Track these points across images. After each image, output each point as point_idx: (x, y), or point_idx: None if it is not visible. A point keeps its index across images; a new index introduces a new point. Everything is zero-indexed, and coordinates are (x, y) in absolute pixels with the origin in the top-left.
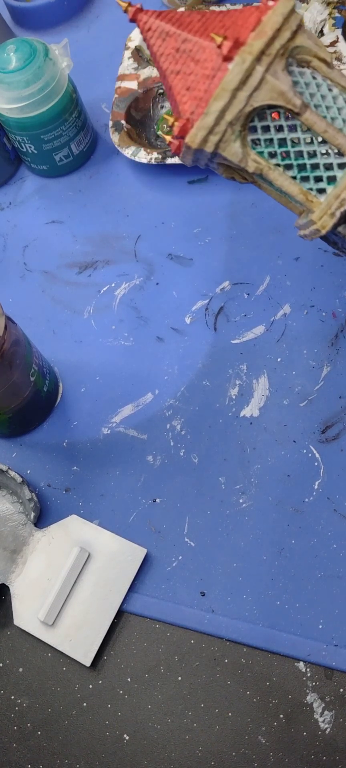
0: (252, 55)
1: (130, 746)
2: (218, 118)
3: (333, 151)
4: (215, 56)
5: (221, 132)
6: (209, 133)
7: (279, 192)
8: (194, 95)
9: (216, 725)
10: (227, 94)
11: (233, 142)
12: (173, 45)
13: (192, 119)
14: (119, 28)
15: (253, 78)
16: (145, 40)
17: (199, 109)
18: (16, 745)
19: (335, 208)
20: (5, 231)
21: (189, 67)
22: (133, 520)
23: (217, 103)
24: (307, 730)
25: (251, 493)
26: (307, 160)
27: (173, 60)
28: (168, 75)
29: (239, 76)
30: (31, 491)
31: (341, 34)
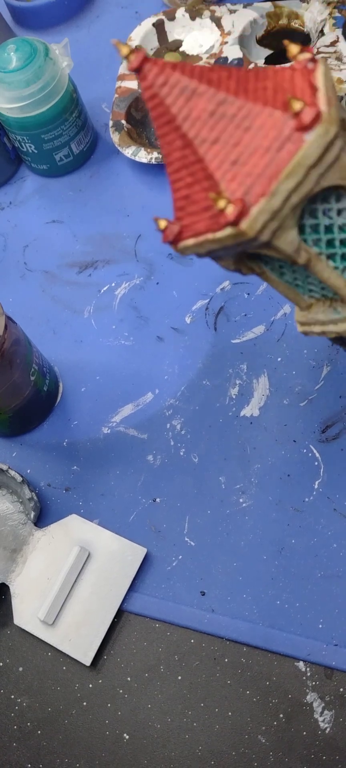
0: (336, 126)
1: (130, 745)
2: (285, 201)
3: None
4: (279, 124)
5: (281, 218)
6: (272, 219)
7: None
8: (246, 171)
9: (216, 724)
10: (302, 170)
11: (291, 228)
12: (205, 107)
13: (249, 200)
14: (120, 28)
15: (330, 154)
16: (154, 97)
17: (258, 188)
18: (16, 745)
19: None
20: (5, 230)
21: (234, 137)
22: (134, 520)
23: (289, 181)
24: (307, 730)
25: (251, 492)
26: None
27: (205, 126)
28: (199, 144)
29: (319, 151)
30: (31, 490)
31: (342, 33)
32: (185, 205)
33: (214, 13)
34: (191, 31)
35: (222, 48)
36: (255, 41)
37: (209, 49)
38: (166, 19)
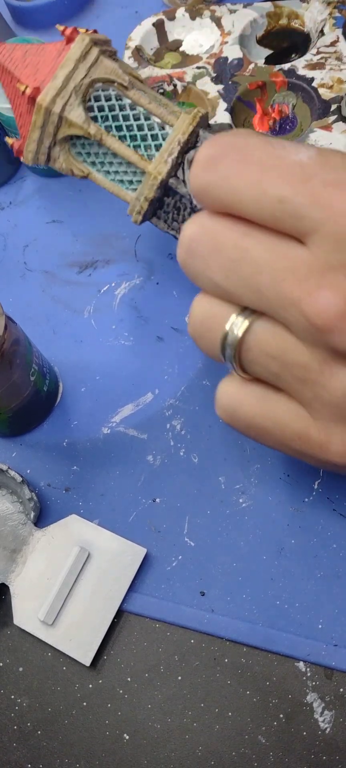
0: (89, 40)
1: (130, 746)
2: (64, 81)
3: (157, 123)
4: (58, 47)
5: (66, 96)
6: (57, 96)
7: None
8: (42, 73)
9: (216, 725)
10: (71, 63)
11: (77, 106)
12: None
13: (42, 86)
14: (120, 28)
15: (90, 55)
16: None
17: (48, 77)
18: (16, 745)
19: (166, 155)
20: (5, 230)
21: (35, 61)
22: (133, 520)
23: (63, 70)
24: (307, 730)
25: (251, 492)
26: (137, 132)
27: (20, 62)
28: (17, 72)
29: (80, 50)
30: (31, 491)
31: (342, 33)
32: (21, 123)
33: (214, 12)
34: (191, 31)
35: (222, 48)
36: (255, 41)
37: (209, 48)
38: (166, 18)
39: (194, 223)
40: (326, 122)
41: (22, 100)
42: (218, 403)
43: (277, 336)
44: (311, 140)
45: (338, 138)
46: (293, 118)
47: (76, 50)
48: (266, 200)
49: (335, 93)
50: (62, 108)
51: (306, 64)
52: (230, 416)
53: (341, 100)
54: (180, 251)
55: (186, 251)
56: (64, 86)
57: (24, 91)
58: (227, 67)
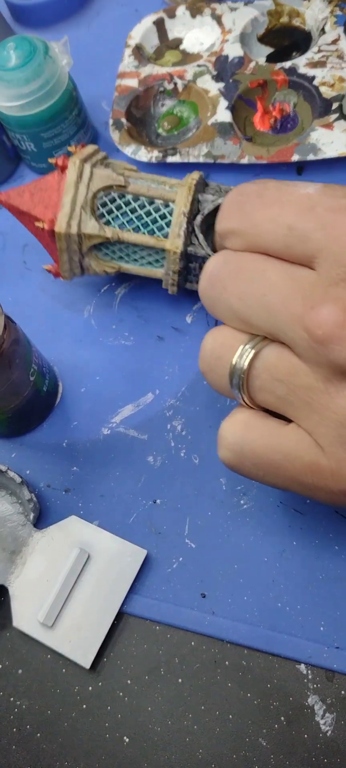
0: (79, 158)
1: (130, 748)
2: (71, 206)
3: (160, 203)
4: (56, 177)
5: (77, 216)
6: (70, 220)
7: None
8: (50, 205)
9: (217, 727)
10: (72, 187)
11: (88, 220)
12: (28, 194)
13: (55, 217)
14: (120, 26)
15: (85, 173)
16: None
17: (57, 207)
18: (15, 747)
19: (177, 229)
20: (5, 230)
21: (44, 196)
22: (134, 521)
23: (67, 196)
24: (308, 733)
25: (252, 494)
26: (146, 218)
27: (30, 201)
28: (32, 210)
29: (75, 173)
30: (30, 492)
31: (343, 31)
32: (50, 251)
33: (215, 10)
34: (192, 29)
35: (223, 46)
36: (256, 39)
37: (209, 47)
38: (166, 16)
39: (216, 257)
40: (327, 120)
41: (43, 234)
42: (222, 443)
43: (284, 359)
44: (313, 138)
45: (339, 136)
46: (294, 116)
47: (72, 175)
48: (278, 230)
49: (336, 91)
50: (78, 227)
51: (307, 62)
52: (237, 455)
53: (343, 99)
54: (202, 282)
55: (207, 280)
56: (72, 210)
57: (43, 228)
58: (227, 65)
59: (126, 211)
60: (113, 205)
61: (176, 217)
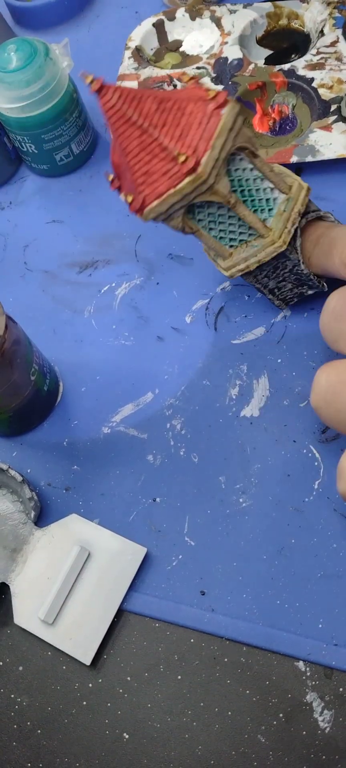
0: (238, 106)
1: (130, 745)
2: (220, 152)
3: (269, 188)
4: (203, 107)
5: (219, 166)
6: (214, 167)
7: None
8: (190, 138)
9: (216, 724)
10: (225, 132)
11: (223, 176)
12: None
13: (198, 154)
14: (120, 28)
15: (237, 122)
16: (113, 107)
17: (201, 146)
18: (15, 744)
19: (290, 225)
20: (6, 230)
21: (175, 120)
22: (134, 519)
23: (219, 140)
24: (306, 729)
25: (251, 492)
26: (255, 196)
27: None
28: (152, 129)
29: (232, 119)
30: (31, 490)
31: (342, 34)
32: (145, 180)
33: (214, 13)
34: (191, 31)
35: (222, 48)
36: (255, 41)
37: (209, 49)
38: (166, 19)
39: (340, 293)
40: (326, 122)
41: (159, 164)
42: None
43: None
44: (311, 140)
45: (337, 138)
46: (293, 118)
47: (229, 120)
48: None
49: (335, 93)
50: (215, 178)
51: (306, 64)
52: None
53: (341, 101)
54: (325, 316)
55: (331, 314)
56: (220, 157)
57: (185, 161)
58: (226, 68)
59: (242, 180)
60: (234, 167)
61: (290, 213)
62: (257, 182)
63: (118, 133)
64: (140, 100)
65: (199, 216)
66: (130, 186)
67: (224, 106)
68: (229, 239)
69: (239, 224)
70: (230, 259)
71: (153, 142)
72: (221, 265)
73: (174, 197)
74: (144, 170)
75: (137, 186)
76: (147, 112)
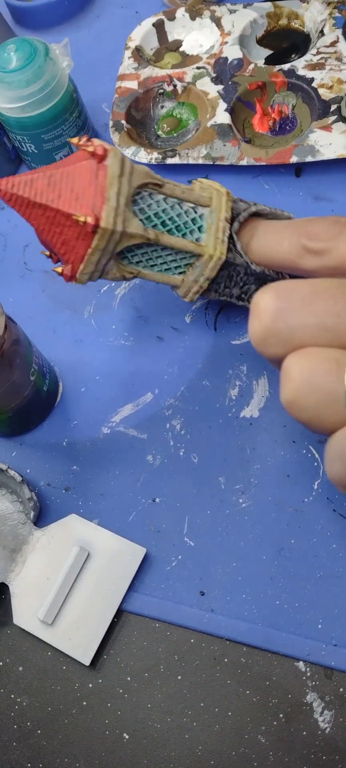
0: (120, 153)
1: (130, 745)
2: (117, 200)
3: (191, 207)
4: (89, 167)
5: (122, 212)
6: (116, 215)
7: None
8: (86, 199)
9: (216, 724)
10: (116, 180)
11: (132, 218)
12: (42, 183)
13: (96, 211)
14: (120, 28)
15: (126, 166)
16: (12, 197)
17: (98, 202)
18: (15, 744)
19: (222, 235)
20: (6, 230)
21: (68, 188)
22: (133, 520)
23: (112, 189)
24: (307, 730)
25: (251, 492)
26: (179, 221)
27: (48, 192)
28: (51, 203)
29: (118, 165)
30: (30, 490)
31: (342, 34)
32: (66, 249)
33: (214, 13)
34: (191, 31)
35: (222, 48)
36: (255, 41)
37: (209, 49)
38: (166, 19)
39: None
40: (325, 122)
41: (69, 231)
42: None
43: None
44: (311, 140)
45: (337, 138)
46: (293, 118)
47: (116, 167)
48: None
49: (334, 93)
50: (122, 225)
51: (306, 64)
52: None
53: (341, 101)
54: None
55: (273, 314)
56: (118, 205)
57: (85, 222)
58: (226, 68)
59: (158, 212)
60: (145, 205)
61: (216, 223)
62: (175, 208)
63: (26, 217)
64: (31, 182)
65: (134, 259)
66: (59, 258)
67: (105, 157)
68: (174, 268)
69: (175, 252)
70: (183, 285)
71: (57, 214)
72: (178, 294)
73: (94, 255)
74: (61, 240)
75: (62, 256)
76: (41, 190)
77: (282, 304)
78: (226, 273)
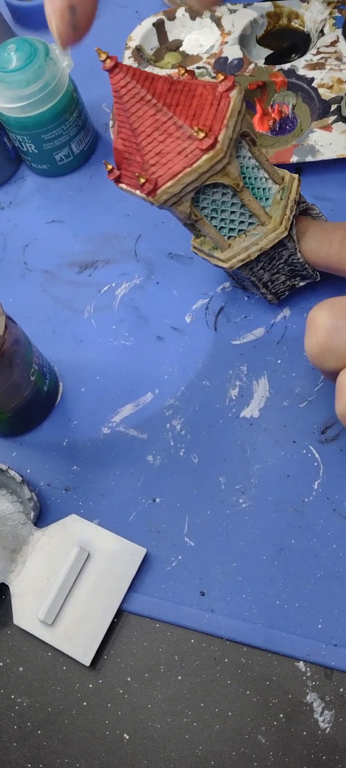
0: (242, 91)
1: (130, 745)
2: (233, 132)
3: (265, 177)
4: (212, 90)
5: (232, 146)
6: (228, 146)
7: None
8: (203, 118)
9: (216, 725)
10: (236, 114)
11: (234, 158)
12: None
13: (214, 132)
14: (120, 28)
15: (243, 107)
16: (127, 85)
17: (216, 125)
18: (16, 744)
19: (289, 212)
20: (5, 230)
21: (187, 101)
22: (133, 520)
23: (232, 120)
24: (307, 730)
25: (251, 493)
26: (256, 185)
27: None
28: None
29: (239, 101)
30: (31, 490)
31: (342, 33)
32: (158, 160)
33: (214, 12)
34: (191, 31)
35: (222, 48)
36: (255, 41)
37: (209, 48)
38: (166, 18)
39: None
40: (326, 122)
41: (172, 143)
42: None
43: None
44: (311, 140)
45: (337, 138)
46: (293, 118)
47: (238, 102)
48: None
49: (335, 93)
50: (229, 158)
51: (306, 64)
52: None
53: (341, 100)
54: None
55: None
56: (233, 137)
57: (203, 138)
58: (227, 67)
59: (247, 166)
60: (240, 154)
61: (286, 201)
62: (255, 171)
63: (130, 113)
64: (153, 80)
65: (203, 204)
66: (139, 169)
67: (232, 89)
68: (228, 229)
69: (240, 213)
70: (230, 249)
71: (168, 120)
72: (218, 257)
73: (190, 176)
74: (157, 150)
75: (149, 167)
76: (160, 91)
77: (338, 321)
78: (271, 253)
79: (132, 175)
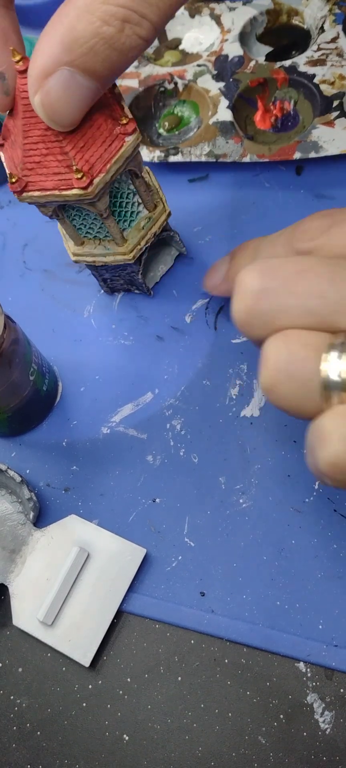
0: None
1: (130, 746)
2: (113, 175)
3: (138, 202)
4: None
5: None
6: (102, 188)
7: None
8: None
9: (216, 725)
10: (123, 159)
11: (106, 195)
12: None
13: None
14: None
15: (134, 152)
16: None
17: (98, 167)
18: (15, 745)
19: (144, 243)
20: (5, 229)
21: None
22: (133, 520)
23: (115, 165)
24: (307, 731)
25: (251, 493)
26: (128, 209)
27: None
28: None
29: (132, 149)
30: (30, 491)
31: (342, 30)
32: (34, 168)
33: (213, 10)
34: (191, 29)
35: (222, 45)
36: (255, 38)
37: (208, 46)
38: None
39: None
40: (328, 118)
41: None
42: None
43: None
44: (314, 136)
45: (340, 134)
46: (295, 114)
47: (130, 149)
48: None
49: (336, 89)
50: (99, 197)
51: (307, 60)
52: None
53: (343, 96)
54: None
55: (256, 294)
56: (110, 180)
57: (80, 178)
58: (227, 65)
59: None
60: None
61: (147, 231)
62: (129, 196)
63: (25, 115)
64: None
65: (70, 214)
66: (16, 162)
67: (130, 134)
68: (86, 231)
69: (100, 226)
70: (81, 247)
71: (55, 141)
72: (69, 246)
73: (55, 198)
74: (37, 160)
75: (25, 169)
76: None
77: (266, 283)
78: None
79: (10, 160)
